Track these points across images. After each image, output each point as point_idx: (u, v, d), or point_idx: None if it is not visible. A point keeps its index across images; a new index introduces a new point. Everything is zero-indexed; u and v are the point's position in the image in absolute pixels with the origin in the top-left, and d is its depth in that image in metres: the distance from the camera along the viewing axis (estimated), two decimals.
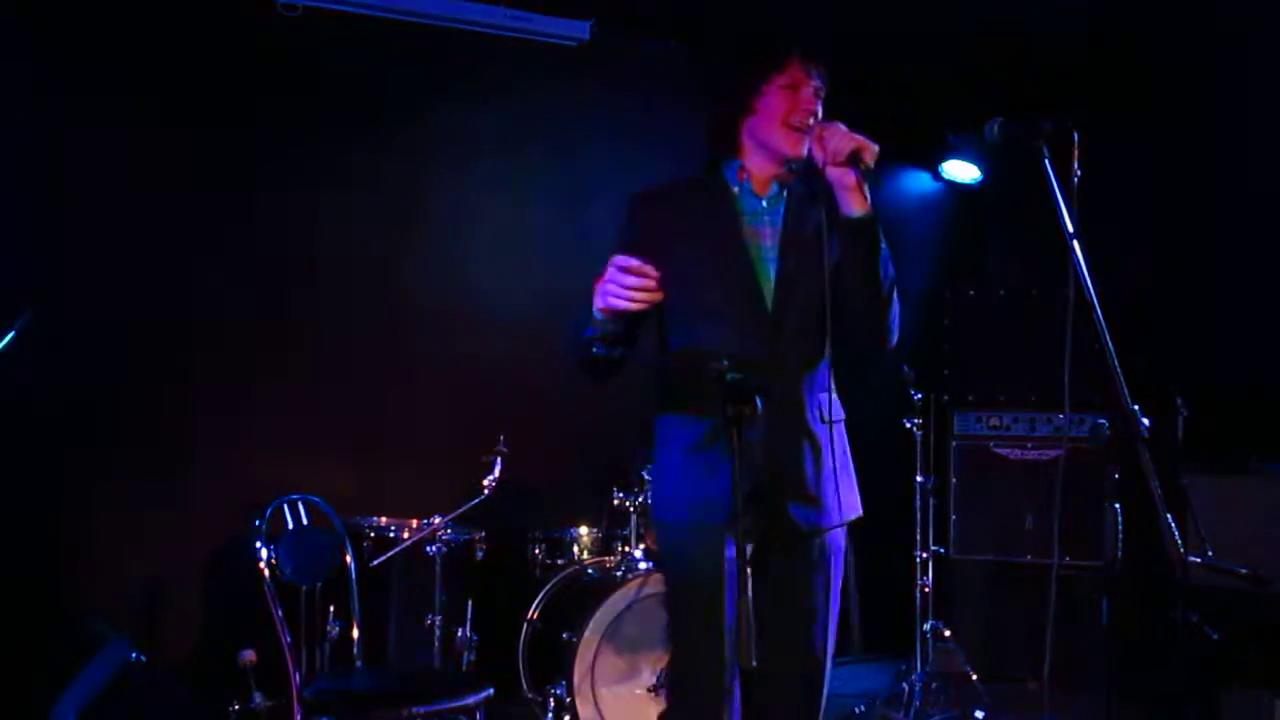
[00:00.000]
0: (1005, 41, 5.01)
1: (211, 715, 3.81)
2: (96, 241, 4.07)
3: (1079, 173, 2.24)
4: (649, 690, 3.80)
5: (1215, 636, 3.46)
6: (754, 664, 1.94)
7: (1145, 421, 2.14)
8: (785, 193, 2.46)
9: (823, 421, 2.39)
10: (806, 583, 2.40)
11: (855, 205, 2.29)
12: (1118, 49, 5.02)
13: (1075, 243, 2.23)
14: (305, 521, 3.63)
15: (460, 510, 3.84)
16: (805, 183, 2.43)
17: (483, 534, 4.04)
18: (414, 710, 3.10)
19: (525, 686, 3.99)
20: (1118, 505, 2.29)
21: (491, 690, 3.31)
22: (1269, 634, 3.76)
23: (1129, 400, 2.15)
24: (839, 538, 2.45)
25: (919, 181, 5.94)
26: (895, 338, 2.41)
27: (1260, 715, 3.69)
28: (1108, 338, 2.17)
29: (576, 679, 3.71)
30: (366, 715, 3.21)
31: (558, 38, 4.78)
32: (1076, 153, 2.24)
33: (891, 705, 4.51)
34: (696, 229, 2.40)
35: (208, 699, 3.91)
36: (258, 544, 3.33)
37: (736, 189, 2.43)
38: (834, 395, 2.42)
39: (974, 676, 4.50)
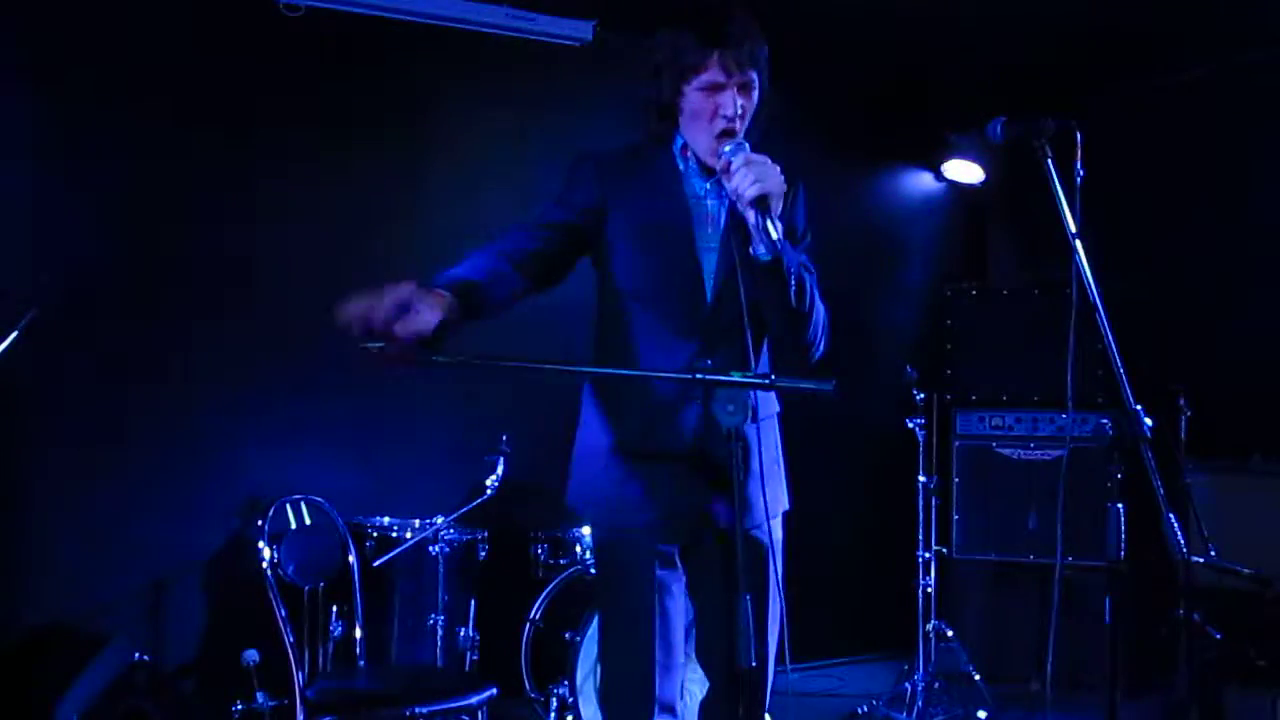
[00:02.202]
0: (1007, 41, 5.01)
1: (214, 715, 3.81)
2: (97, 241, 4.07)
3: (1081, 172, 2.24)
4: None
5: (1218, 636, 3.46)
6: (754, 664, 1.94)
7: (1148, 421, 2.14)
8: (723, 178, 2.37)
9: (751, 420, 2.34)
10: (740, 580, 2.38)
11: (759, 245, 2.14)
12: (1119, 49, 5.02)
13: (1078, 242, 2.23)
14: (308, 521, 3.63)
15: (463, 510, 3.85)
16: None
17: (485, 534, 4.04)
18: (417, 710, 3.10)
19: (528, 686, 3.99)
20: (1120, 505, 2.29)
21: (494, 690, 3.32)
22: (1272, 634, 3.76)
23: (1132, 400, 2.16)
24: (771, 533, 2.38)
25: (921, 181, 5.94)
26: (819, 352, 2.34)
27: (1263, 715, 3.69)
28: (1110, 337, 2.17)
29: (579, 679, 3.70)
30: (369, 715, 3.21)
31: (561, 38, 4.78)
32: (1079, 152, 2.24)
33: (894, 705, 4.51)
34: (643, 205, 2.33)
35: (210, 699, 3.92)
36: (260, 544, 3.34)
37: (682, 167, 2.36)
38: (767, 392, 2.38)
39: (976, 676, 4.50)
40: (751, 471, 2.30)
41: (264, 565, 3.31)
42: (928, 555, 4.59)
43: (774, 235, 2.06)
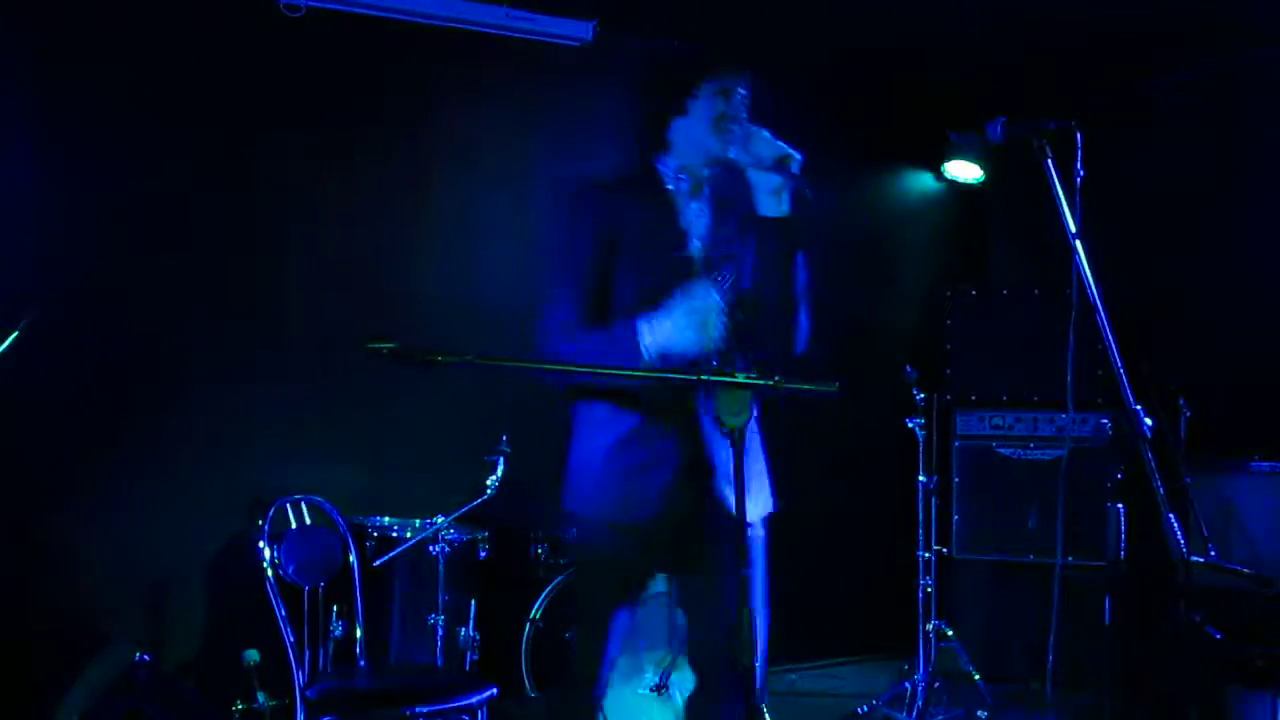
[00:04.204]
0: (1007, 41, 5.01)
1: (215, 715, 3.82)
2: (97, 241, 4.07)
3: (1081, 172, 2.25)
4: (652, 690, 3.80)
5: (1218, 636, 3.46)
6: (755, 664, 1.95)
7: (1148, 421, 2.14)
8: (713, 194, 2.51)
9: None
10: (728, 578, 2.40)
11: (772, 207, 2.34)
12: (1119, 49, 5.02)
13: (1078, 242, 2.23)
14: (308, 521, 3.64)
15: (463, 510, 3.84)
16: (730, 184, 2.47)
17: (486, 534, 4.04)
18: (417, 710, 3.10)
19: (528, 686, 3.99)
20: (1120, 505, 2.29)
21: (494, 690, 3.32)
22: (1271, 634, 3.76)
23: (1132, 400, 2.16)
24: (755, 534, 2.47)
25: (921, 181, 5.94)
26: (802, 345, 2.46)
27: (1263, 715, 3.69)
28: (1110, 337, 2.17)
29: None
30: (369, 715, 3.22)
31: (561, 38, 4.78)
32: (1079, 153, 2.24)
33: (894, 705, 4.51)
34: (643, 227, 2.44)
35: (211, 698, 3.92)
36: (261, 544, 3.34)
37: (672, 188, 2.49)
38: (751, 393, 2.45)
39: (976, 676, 4.50)
40: (744, 471, 2.34)
41: (264, 565, 3.32)
42: (928, 555, 4.59)
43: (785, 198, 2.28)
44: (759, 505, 2.47)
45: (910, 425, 4.57)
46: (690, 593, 2.50)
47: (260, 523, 3.40)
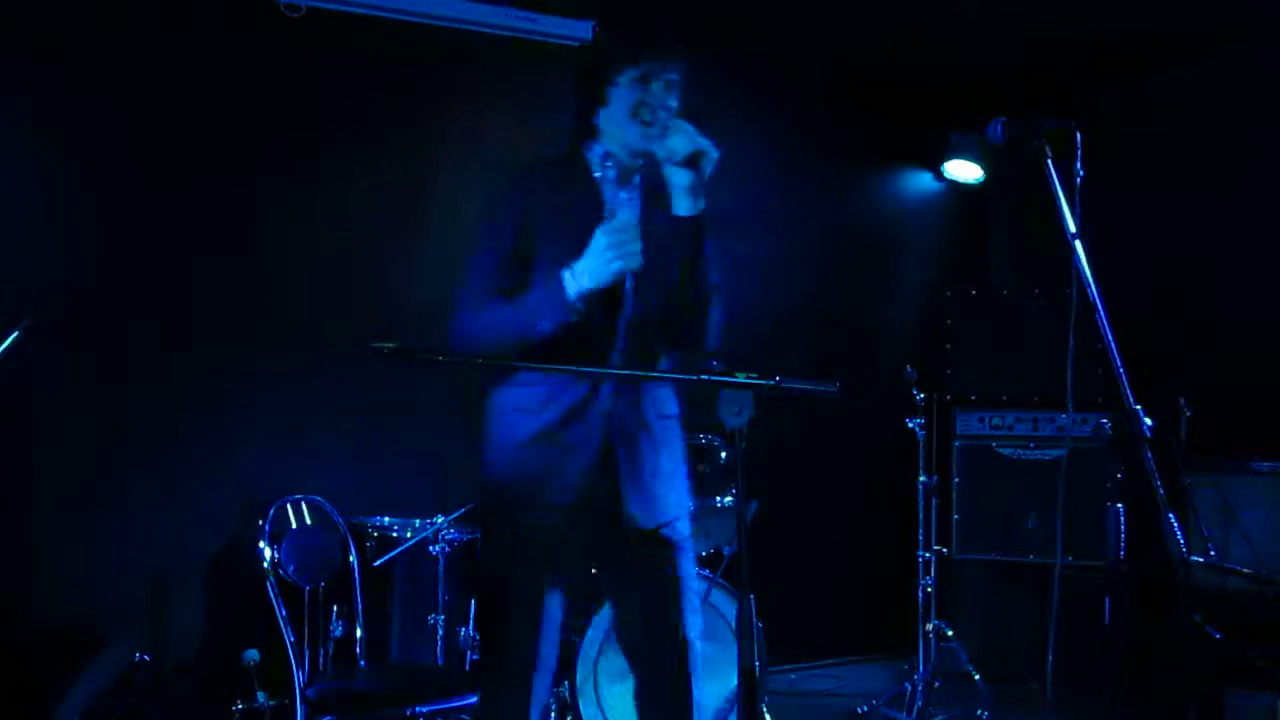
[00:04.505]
0: (1007, 41, 5.01)
1: (215, 715, 3.82)
2: (97, 240, 4.07)
3: (1081, 172, 2.25)
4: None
5: (1218, 636, 3.46)
6: (755, 664, 1.95)
7: (1148, 421, 2.14)
8: (644, 185, 2.48)
9: (659, 417, 2.45)
10: (650, 573, 2.44)
11: (684, 206, 2.29)
12: (1119, 49, 5.02)
13: (1078, 242, 2.23)
14: (308, 521, 3.64)
15: (463, 510, 3.84)
16: (657, 177, 2.42)
17: None
18: (417, 709, 3.11)
19: None
20: (1120, 505, 2.29)
21: None
22: (1271, 634, 3.76)
23: (1131, 400, 2.16)
24: (678, 531, 2.48)
25: (921, 181, 5.94)
26: (712, 342, 2.44)
27: (1263, 716, 3.69)
28: (1110, 338, 2.17)
29: (579, 678, 3.71)
30: (369, 715, 3.22)
31: (561, 38, 4.77)
32: (1079, 153, 2.25)
33: (894, 705, 4.51)
34: (563, 213, 2.41)
35: (211, 699, 3.91)
36: (261, 544, 3.34)
37: (599, 175, 2.46)
38: (670, 391, 2.49)
39: (976, 676, 4.50)
40: (659, 470, 2.41)
41: (264, 565, 3.32)
42: (928, 555, 4.59)
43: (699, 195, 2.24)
44: (680, 503, 2.48)
45: (910, 425, 4.57)
46: (616, 590, 2.52)
47: (260, 523, 3.41)
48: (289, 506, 3.59)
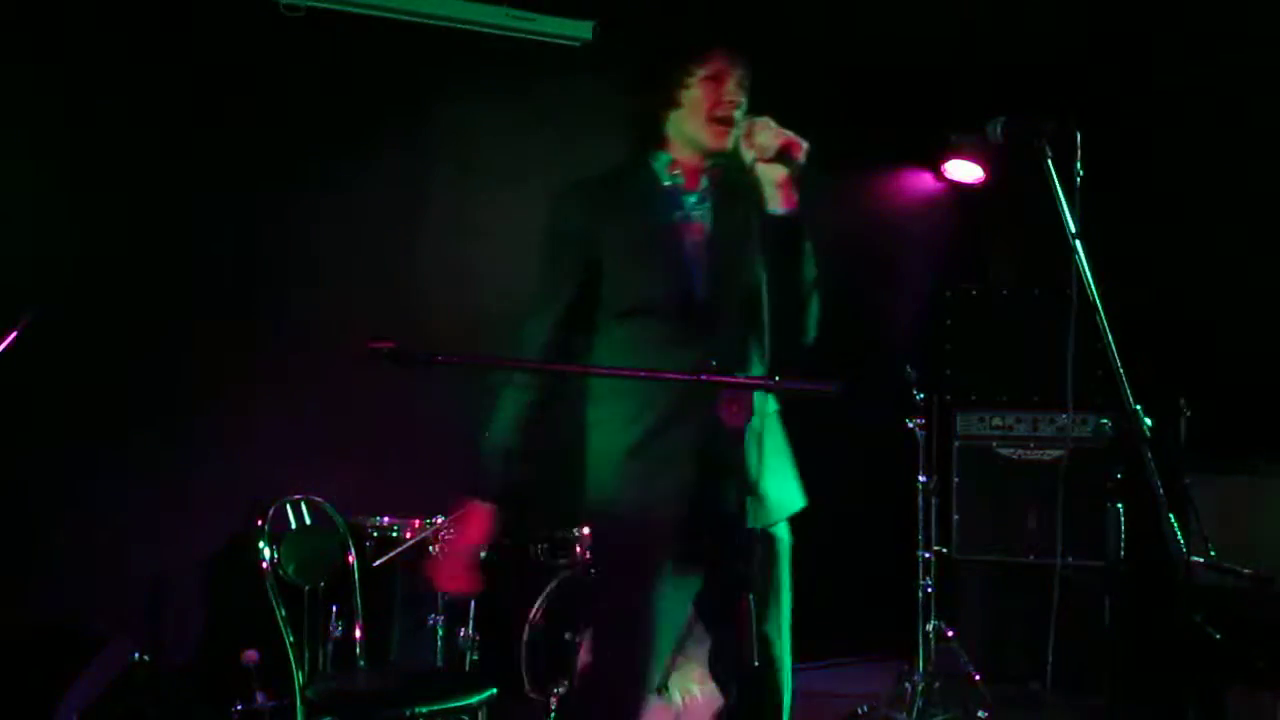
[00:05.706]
0: (1007, 41, 5.01)
1: (214, 715, 3.82)
2: (97, 240, 4.07)
3: (1081, 172, 2.25)
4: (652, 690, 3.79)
5: (1218, 637, 3.46)
6: (755, 663, 1.95)
7: (1148, 421, 2.14)
8: (713, 187, 2.41)
9: (759, 414, 2.36)
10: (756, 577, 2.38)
11: (780, 202, 2.25)
12: (1119, 48, 5.02)
13: (1077, 242, 2.23)
14: (308, 521, 3.64)
15: (463, 510, 3.84)
16: (733, 177, 2.37)
17: None
18: (416, 710, 3.11)
19: (527, 686, 3.99)
20: (1120, 505, 2.29)
21: (494, 690, 3.32)
22: (1272, 634, 3.76)
23: (1131, 400, 2.16)
24: (781, 532, 2.46)
25: (921, 181, 5.93)
26: (811, 335, 2.41)
27: (1263, 716, 3.69)
28: (1110, 338, 2.17)
29: (579, 679, 3.70)
30: (369, 715, 3.22)
31: (560, 38, 4.78)
32: (1079, 152, 2.24)
33: (894, 706, 4.51)
34: (630, 225, 2.36)
35: (210, 699, 3.91)
36: (260, 544, 3.34)
37: (668, 184, 2.40)
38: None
39: (976, 677, 4.50)
40: (765, 466, 2.34)
41: (264, 565, 3.32)
42: (928, 555, 4.59)
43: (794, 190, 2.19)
44: (783, 503, 2.44)
45: (910, 425, 4.56)
46: (709, 597, 2.43)
47: (260, 522, 3.41)
48: (289, 506, 3.59)
